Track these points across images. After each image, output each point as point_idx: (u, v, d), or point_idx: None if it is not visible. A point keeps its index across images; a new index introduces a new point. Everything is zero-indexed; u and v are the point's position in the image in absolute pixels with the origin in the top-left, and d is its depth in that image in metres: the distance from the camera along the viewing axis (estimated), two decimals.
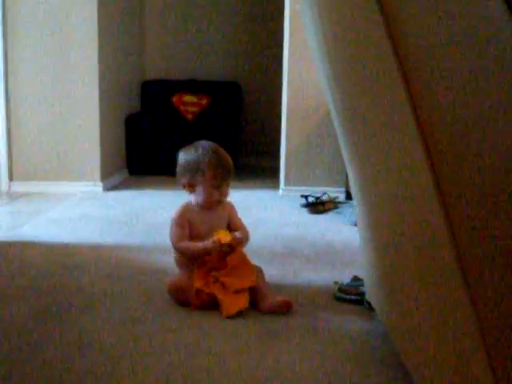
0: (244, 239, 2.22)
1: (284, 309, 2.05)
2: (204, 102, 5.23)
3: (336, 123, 1.90)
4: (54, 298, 2.15)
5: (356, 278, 2.33)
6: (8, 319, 1.97)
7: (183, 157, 2.24)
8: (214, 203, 2.21)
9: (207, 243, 2.11)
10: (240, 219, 2.32)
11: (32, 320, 1.96)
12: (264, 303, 2.06)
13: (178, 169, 2.25)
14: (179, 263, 2.24)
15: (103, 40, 4.28)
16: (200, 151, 2.20)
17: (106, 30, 4.34)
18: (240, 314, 2.00)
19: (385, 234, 1.54)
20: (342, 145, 1.90)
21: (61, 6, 4.13)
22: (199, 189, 2.21)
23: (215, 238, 2.10)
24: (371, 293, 1.99)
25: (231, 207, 2.33)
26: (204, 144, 2.24)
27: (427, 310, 1.26)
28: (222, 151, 2.24)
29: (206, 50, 5.60)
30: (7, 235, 3.04)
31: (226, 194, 2.22)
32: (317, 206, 3.69)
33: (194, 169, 2.19)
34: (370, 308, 2.05)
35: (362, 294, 2.14)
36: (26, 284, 2.31)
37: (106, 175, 4.38)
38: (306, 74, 4.09)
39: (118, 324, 1.93)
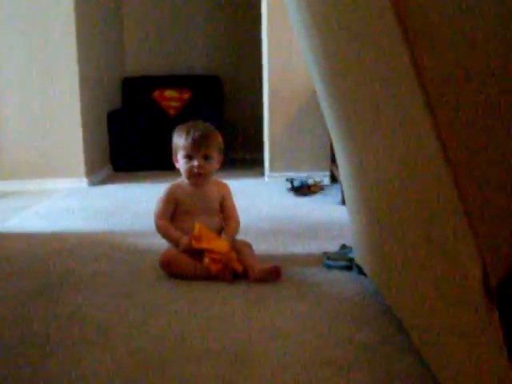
0: (230, 235, 2.21)
1: (273, 274, 2.03)
2: (185, 96, 5.22)
3: (323, 101, 1.89)
4: (44, 279, 2.14)
5: (344, 246, 2.34)
6: None
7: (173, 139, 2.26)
8: (195, 177, 2.19)
9: (182, 240, 2.13)
10: (233, 203, 2.31)
11: (21, 299, 1.95)
12: (252, 271, 2.04)
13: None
14: None
15: (82, 37, 4.28)
16: (181, 130, 2.22)
17: (84, 26, 4.33)
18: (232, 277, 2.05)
19: (379, 202, 1.54)
20: (331, 122, 1.90)
21: (39, 2, 4.13)
22: (180, 164, 2.22)
23: (192, 238, 2.09)
24: (361, 258, 2.00)
25: (227, 189, 2.32)
26: (191, 122, 2.25)
27: (416, 264, 1.26)
28: (202, 124, 2.22)
29: (186, 44, 5.61)
30: None
31: (203, 166, 2.17)
32: (302, 189, 3.70)
33: (175, 145, 2.22)
34: (360, 273, 2.07)
35: (351, 260, 2.16)
36: (14, 269, 2.29)
37: (90, 171, 4.37)
38: (285, 61, 4.12)
39: (109, 298, 1.92)
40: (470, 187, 0.78)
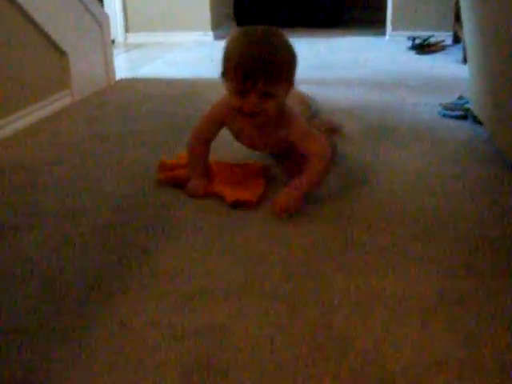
0: (306, 181, 1.49)
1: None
2: None
3: None
4: (176, 120, 2.34)
5: (461, 97, 2.38)
6: (138, 131, 2.20)
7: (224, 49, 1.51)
8: (248, 118, 1.48)
9: (190, 183, 1.59)
10: (314, 143, 1.51)
11: (160, 132, 2.19)
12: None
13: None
14: None
15: None
16: (234, 42, 1.47)
17: None
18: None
19: (495, 51, 1.60)
20: None
21: None
22: (227, 93, 1.51)
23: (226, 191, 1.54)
24: (477, 107, 2.06)
25: (298, 130, 1.52)
26: (251, 31, 1.46)
27: None
28: (265, 44, 1.40)
29: None
30: (130, 74, 3.27)
31: (259, 106, 1.41)
32: (424, 48, 3.70)
33: (226, 59, 1.48)
34: (475, 122, 2.13)
35: (467, 110, 2.21)
36: (151, 108, 2.53)
37: (215, 25, 4.53)
38: None
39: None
40: None
